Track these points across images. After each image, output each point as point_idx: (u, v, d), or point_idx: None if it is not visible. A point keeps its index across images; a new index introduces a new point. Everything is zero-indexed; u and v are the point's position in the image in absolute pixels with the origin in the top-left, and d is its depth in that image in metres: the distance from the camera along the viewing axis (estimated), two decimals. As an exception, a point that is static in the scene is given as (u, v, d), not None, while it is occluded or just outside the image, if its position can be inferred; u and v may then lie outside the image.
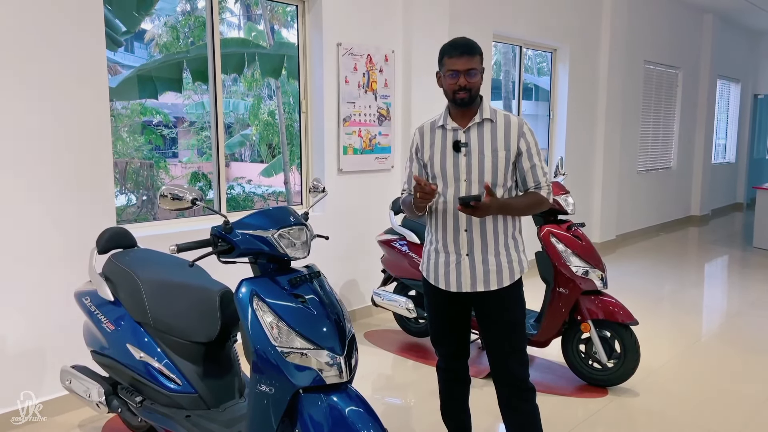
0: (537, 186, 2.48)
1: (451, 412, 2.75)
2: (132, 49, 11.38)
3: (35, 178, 3.20)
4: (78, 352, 3.19)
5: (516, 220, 2.53)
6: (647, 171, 9.36)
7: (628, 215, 8.80)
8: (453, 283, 2.50)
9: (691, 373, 4.06)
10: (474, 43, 2.43)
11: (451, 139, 2.47)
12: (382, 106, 4.97)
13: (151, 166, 7.55)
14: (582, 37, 7.39)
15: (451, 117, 2.49)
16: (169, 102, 10.21)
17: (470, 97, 2.40)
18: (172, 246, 2.22)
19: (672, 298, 6.02)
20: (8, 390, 3.18)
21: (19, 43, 3.09)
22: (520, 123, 2.46)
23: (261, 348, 2.18)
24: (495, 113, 2.47)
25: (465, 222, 2.45)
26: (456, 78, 2.38)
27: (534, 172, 2.47)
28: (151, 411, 2.67)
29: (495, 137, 2.43)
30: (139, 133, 8.37)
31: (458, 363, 2.69)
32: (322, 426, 2.15)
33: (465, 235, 2.46)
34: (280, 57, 6.43)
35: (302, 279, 2.29)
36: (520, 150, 2.44)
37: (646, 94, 9.02)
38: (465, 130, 2.45)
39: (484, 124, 2.45)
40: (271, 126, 9.23)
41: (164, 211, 5.29)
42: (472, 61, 2.38)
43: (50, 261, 3.27)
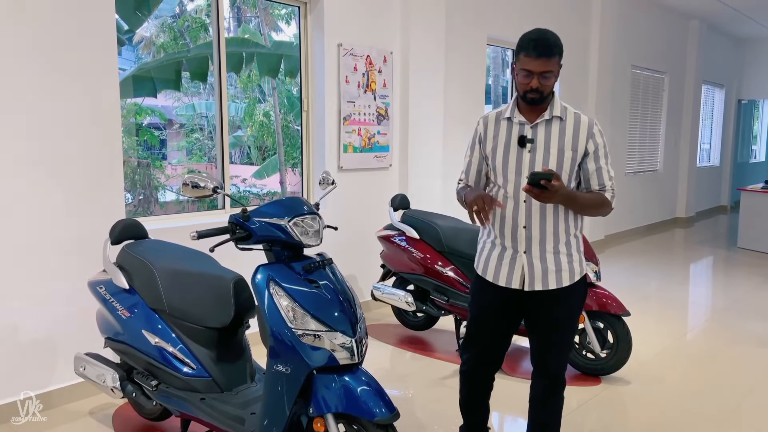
0: (602, 189, 2.39)
1: (471, 408, 2.72)
2: (119, 52, 11.40)
3: (49, 174, 3.27)
4: (89, 340, 3.28)
5: (578, 219, 2.43)
6: (635, 173, 9.56)
7: (616, 216, 8.97)
8: (503, 278, 2.43)
9: (680, 364, 4.22)
10: (555, 42, 2.28)
11: (516, 133, 2.38)
12: (381, 106, 5.10)
13: (148, 165, 7.61)
14: (571, 41, 7.57)
15: (519, 110, 2.40)
16: (160, 104, 10.24)
17: (541, 98, 2.31)
18: (193, 233, 2.33)
19: (659, 295, 6.19)
20: (21, 378, 3.25)
21: (36, 44, 3.17)
22: (590, 123, 2.38)
23: (277, 330, 2.29)
24: (566, 111, 2.39)
25: (524, 218, 2.37)
26: (529, 79, 2.27)
27: (599, 174, 2.38)
28: (167, 395, 2.76)
29: (563, 136, 2.34)
30: (134, 133, 8.42)
31: (486, 368, 2.60)
32: (335, 405, 2.27)
33: (524, 232, 2.37)
34: (278, 56, 6.53)
35: (315, 265, 2.40)
36: (588, 151, 2.35)
37: (633, 98, 9.22)
38: (533, 126, 2.36)
39: (553, 121, 2.36)
40: (266, 127, 9.31)
41: (160, 207, 5.26)
42: (548, 63, 2.25)
43: (62, 252, 3.35)
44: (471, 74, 6.02)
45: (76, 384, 3.40)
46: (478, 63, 6.07)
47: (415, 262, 4.23)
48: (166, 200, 8.83)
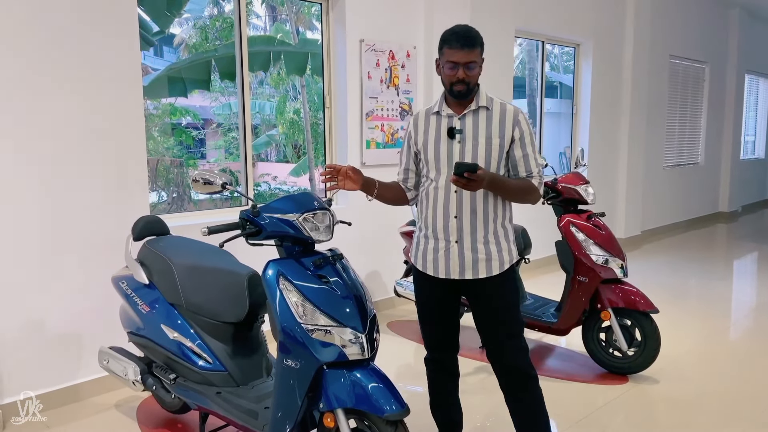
0: (529, 175, 2.46)
1: (438, 406, 2.73)
2: (161, 53, 11.67)
3: (75, 172, 3.37)
4: (114, 334, 3.35)
5: (506, 208, 2.51)
6: (674, 167, 9.28)
7: (653, 211, 8.75)
8: (442, 270, 2.49)
9: (713, 363, 4.07)
10: (475, 34, 2.38)
11: (445, 126, 2.46)
12: (404, 101, 5.07)
13: (181, 164, 7.77)
14: (606, 32, 7.39)
15: (446, 104, 2.49)
16: (197, 104, 10.46)
17: (468, 89, 2.39)
18: (204, 228, 2.36)
19: (697, 292, 6.00)
20: (50, 371, 3.36)
21: (59, 45, 3.26)
22: (515, 111, 2.45)
23: (287, 326, 2.30)
24: (491, 101, 2.46)
25: (455, 208, 2.44)
26: (455, 70, 2.36)
27: (526, 161, 2.45)
28: (184, 388, 2.81)
29: (490, 125, 2.42)
30: (170, 133, 8.61)
31: (445, 355, 2.66)
32: (345, 400, 2.26)
33: (455, 222, 2.44)
34: (305, 55, 6.56)
35: (326, 261, 2.40)
36: (514, 138, 2.43)
37: (671, 90, 8.95)
38: (460, 117, 2.44)
39: (479, 111, 2.44)
40: (296, 125, 9.40)
41: (193, 205, 5.32)
42: (471, 54, 2.35)
43: (88, 249, 3.44)
44: (498, 67, 5.93)
45: (102, 377, 3.49)
46: (505, 55, 5.97)
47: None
48: (199, 198, 9.01)
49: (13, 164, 3.16)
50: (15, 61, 3.13)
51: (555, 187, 3.87)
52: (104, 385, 3.53)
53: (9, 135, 3.15)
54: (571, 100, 7.52)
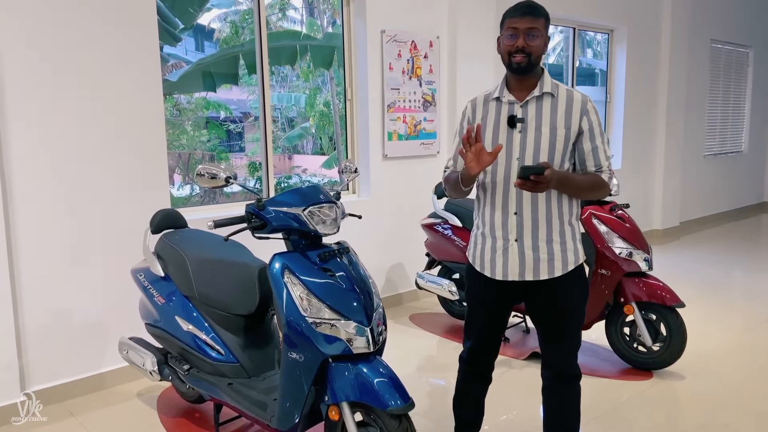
0: (598, 169, 2.28)
1: (462, 405, 2.61)
2: (202, 48, 11.83)
3: (99, 168, 3.45)
4: (138, 325, 3.43)
5: (573, 205, 2.31)
6: (715, 155, 8.96)
7: (693, 201, 8.47)
8: (499, 271, 2.31)
9: (744, 360, 3.92)
10: (540, 6, 2.21)
11: (506, 113, 2.26)
12: (427, 92, 5.02)
13: (212, 158, 7.89)
14: (641, 16, 7.16)
15: (508, 89, 2.29)
16: (235, 98, 10.59)
17: (529, 63, 2.18)
18: (210, 222, 2.38)
19: (736, 285, 5.78)
20: (76, 360, 3.47)
21: (81, 44, 3.33)
22: (584, 100, 2.24)
23: (292, 319, 2.31)
24: (557, 87, 2.26)
25: (515, 204, 2.26)
26: (515, 39, 2.17)
27: (595, 154, 2.25)
28: (198, 379, 2.86)
29: (555, 113, 2.22)
30: (203, 127, 8.75)
31: (483, 359, 2.52)
32: (350, 394, 2.26)
33: (515, 219, 2.27)
34: (331, 48, 6.56)
35: (332, 254, 2.39)
36: (582, 129, 2.23)
37: (713, 75, 8.62)
38: (522, 104, 2.25)
39: (543, 98, 2.24)
40: (326, 117, 9.43)
41: (224, 199, 5.38)
42: (535, 21, 2.16)
43: (112, 242, 3.52)
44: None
45: (127, 366, 3.58)
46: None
47: (459, 251, 4.15)
48: (232, 191, 9.13)
49: (40, 162, 3.26)
50: (41, 64, 3.22)
51: (576, 178, 3.77)
52: (128, 375, 3.63)
53: (36, 134, 3.24)
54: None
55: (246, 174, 8.97)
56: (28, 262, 3.27)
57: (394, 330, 4.46)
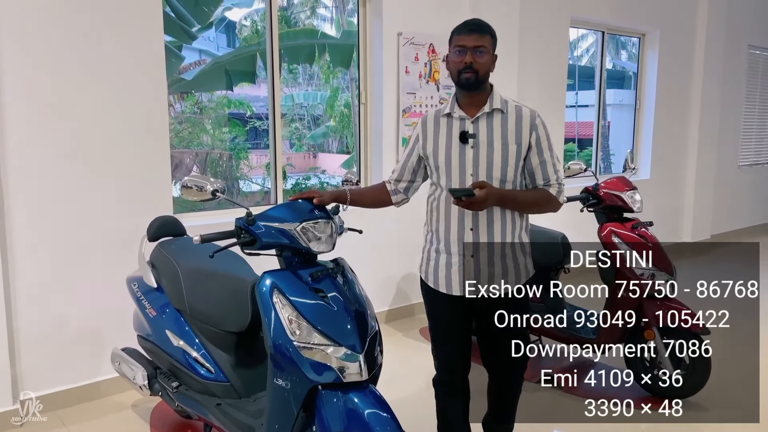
0: (546, 183, 2.32)
1: (447, 429, 2.59)
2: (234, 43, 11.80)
3: (98, 171, 3.36)
4: (133, 335, 3.33)
5: (521, 218, 2.35)
6: (751, 165, 8.59)
7: (726, 214, 8.11)
8: (456, 287, 2.35)
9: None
10: (486, 24, 2.28)
11: (457, 129, 2.30)
12: (444, 97, 4.84)
13: (230, 157, 7.81)
14: (675, 20, 6.86)
15: (459, 105, 2.32)
16: (261, 95, 10.53)
17: (477, 79, 2.23)
18: (197, 237, 2.24)
19: None
20: (71, 368, 3.38)
21: (84, 44, 3.24)
22: (532, 115, 2.29)
23: (280, 343, 2.17)
24: (506, 104, 2.30)
25: (471, 220, 2.28)
26: (463, 56, 2.22)
27: (543, 168, 2.30)
28: (186, 397, 2.74)
29: (506, 129, 2.27)
30: (224, 124, 8.68)
31: (455, 377, 2.52)
32: (338, 424, 2.11)
33: (471, 235, 2.29)
34: (350, 46, 6.42)
35: (324, 273, 2.24)
36: (531, 144, 2.28)
37: (750, 82, 8.25)
38: (473, 120, 2.28)
39: (494, 114, 2.29)
40: (347, 117, 9.31)
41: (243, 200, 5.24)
42: (481, 39, 2.22)
43: (110, 248, 3.43)
44: (550, 57, 5.60)
45: (120, 377, 3.48)
46: (558, 44, 5.62)
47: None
48: (251, 190, 9.05)
49: (36, 166, 3.18)
50: (42, 61, 3.14)
51: (596, 193, 3.57)
52: (124, 384, 3.51)
53: (35, 135, 3.16)
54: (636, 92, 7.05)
55: (264, 173, 8.88)
56: (23, 267, 3.19)
57: (402, 345, 4.30)
